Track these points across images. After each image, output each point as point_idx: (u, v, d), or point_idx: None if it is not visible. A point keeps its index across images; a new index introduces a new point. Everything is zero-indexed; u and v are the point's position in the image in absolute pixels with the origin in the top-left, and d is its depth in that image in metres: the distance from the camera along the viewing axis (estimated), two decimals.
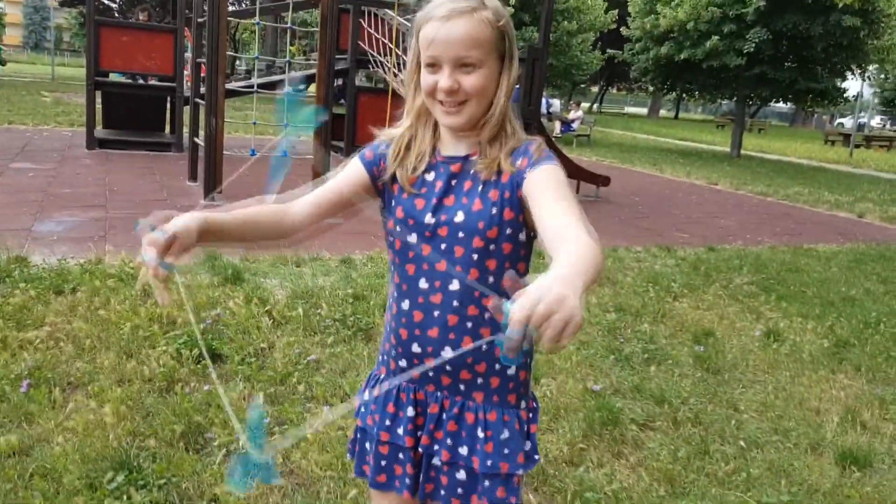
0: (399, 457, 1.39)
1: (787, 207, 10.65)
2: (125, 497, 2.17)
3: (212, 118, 6.76)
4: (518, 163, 1.26)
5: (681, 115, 53.00)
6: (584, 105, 29.09)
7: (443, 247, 1.29)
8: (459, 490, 1.36)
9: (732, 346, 4.08)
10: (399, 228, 1.33)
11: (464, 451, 1.34)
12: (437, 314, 1.30)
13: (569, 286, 0.83)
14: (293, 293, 4.19)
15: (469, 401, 1.35)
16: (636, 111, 54.90)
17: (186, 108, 9.24)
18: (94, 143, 9.45)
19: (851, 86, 23.96)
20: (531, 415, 1.40)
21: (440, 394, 1.35)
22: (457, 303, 1.29)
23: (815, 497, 2.59)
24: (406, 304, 1.34)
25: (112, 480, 2.23)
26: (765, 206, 10.51)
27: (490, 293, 0.87)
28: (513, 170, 1.25)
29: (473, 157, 1.30)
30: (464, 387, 1.34)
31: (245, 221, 1.26)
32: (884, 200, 12.12)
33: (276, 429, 2.68)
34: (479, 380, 1.34)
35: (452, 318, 1.30)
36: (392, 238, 1.35)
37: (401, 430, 1.37)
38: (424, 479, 1.39)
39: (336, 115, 8.37)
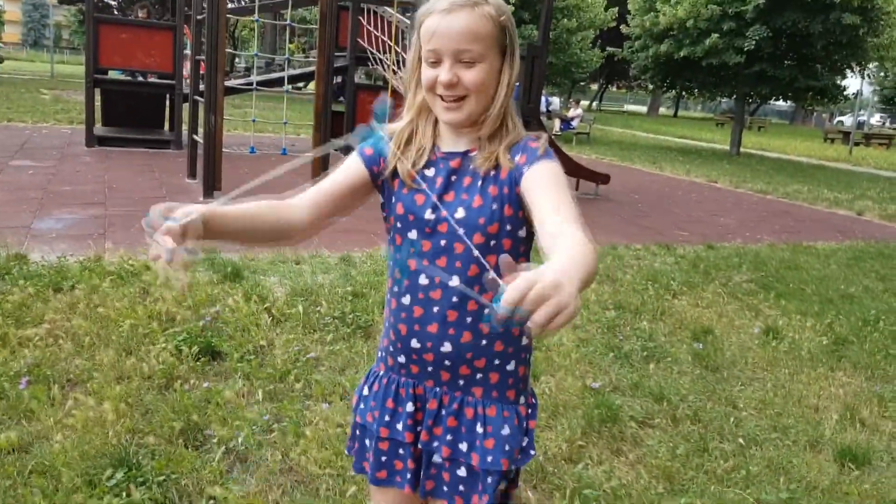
0: (399, 452, 1.39)
1: (787, 205, 10.65)
2: (124, 494, 2.17)
3: (211, 115, 6.76)
4: (517, 158, 1.26)
5: (680, 113, 53.02)
6: (584, 103, 29.07)
7: (443, 243, 1.29)
8: (461, 487, 1.36)
9: (731, 344, 4.08)
10: (399, 224, 1.33)
11: (464, 448, 1.35)
12: (437, 309, 1.30)
13: (566, 277, 0.84)
14: (292, 290, 4.19)
15: (468, 396, 1.35)
16: (636, 109, 54.88)
17: (186, 106, 9.23)
18: (94, 141, 9.44)
19: (851, 84, 23.95)
20: (530, 411, 1.40)
21: (439, 389, 1.35)
22: (456, 298, 1.29)
23: (814, 494, 2.59)
24: (406, 300, 1.34)
25: (111, 477, 2.23)
26: (764, 204, 10.52)
27: (484, 301, 0.87)
28: (511, 165, 1.26)
29: (473, 153, 1.30)
30: (463, 382, 1.34)
31: (246, 218, 1.25)
32: (883, 198, 12.13)
33: (276, 426, 2.68)
34: (479, 375, 1.34)
35: (452, 314, 1.30)
36: (392, 234, 1.35)
37: (400, 426, 1.37)
38: (425, 477, 1.38)
39: (335, 113, 8.37)
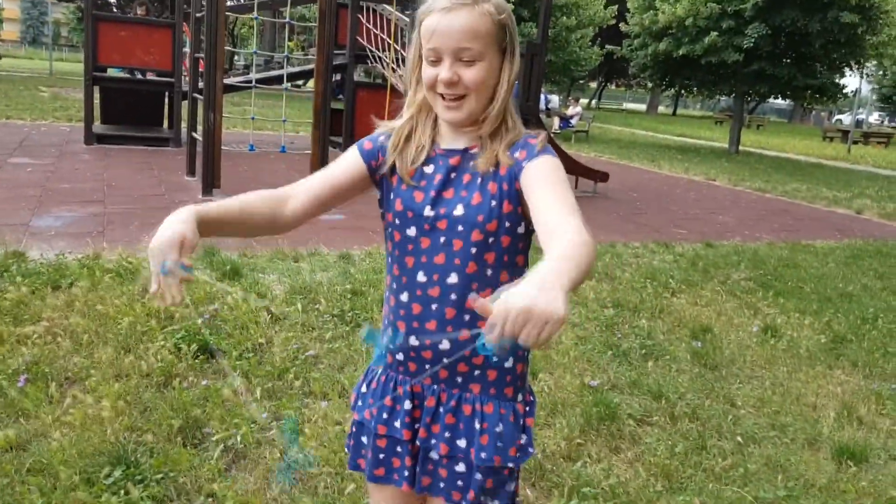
0: (397, 450, 1.39)
1: (785, 203, 10.65)
2: (122, 492, 2.17)
3: (210, 113, 6.75)
4: (516, 154, 1.26)
5: (679, 112, 53.02)
6: (583, 101, 29.05)
7: (441, 240, 1.29)
8: (459, 483, 1.36)
9: (730, 342, 4.08)
10: (398, 221, 1.33)
11: (462, 444, 1.34)
12: (435, 307, 1.30)
13: (545, 289, 0.85)
14: (291, 288, 4.19)
15: (466, 393, 1.35)
16: (635, 107, 54.87)
17: (185, 104, 9.22)
18: (93, 139, 9.43)
19: (849, 82, 23.97)
20: (528, 408, 1.40)
21: (437, 387, 1.35)
22: (455, 296, 1.29)
23: (812, 492, 2.60)
24: (404, 297, 1.34)
25: (109, 475, 2.23)
26: (763, 203, 10.52)
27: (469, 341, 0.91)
28: (511, 162, 1.26)
29: (473, 151, 1.30)
30: (461, 379, 1.34)
31: (241, 212, 1.27)
32: (881, 197, 12.14)
33: (275, 424, 2.68)
34: (476, 372, 1.34)
35: (450, 312, 1.30)
36: (390, 230, 1.35)
37: (398, 424, 1.37)
38: (422, 473, 1.38)
39: (334, 111, 8.36)
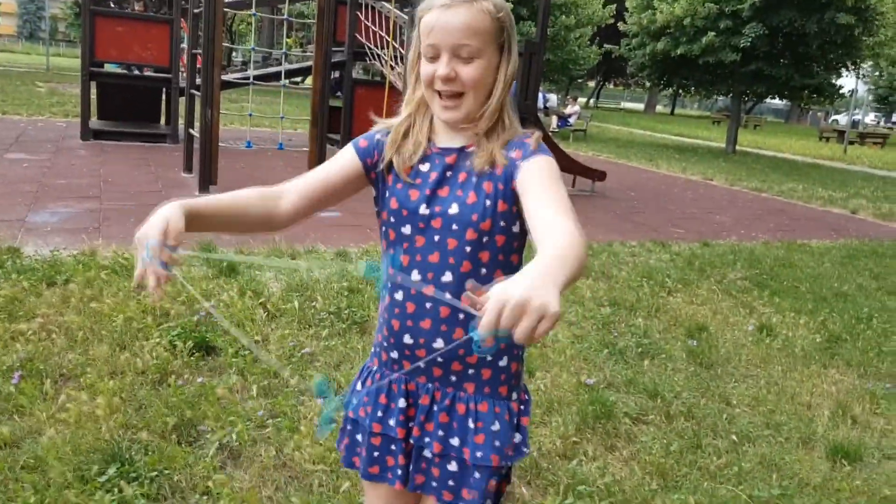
0: (391, 448, 1.39)
1: (782, 203, 10.67)
2: (116, 490, 2.17)
3: (207, 109, 6.74)
4: (512, 154, 1.26)
5: (677, 111, 53.11)
6: (581, 100, 29.08)
7: (436, 238, 1.29)
8: (451, 482, 1.36)
9: (725, 341, 4.09)
10: (393, 219, 1.32)
11: (455, 443, 1.34)
12: (430, 306, 1.30)
13: (539, 283, 0.85)
14: (288, 286, 4.18)
15: (460, 391, 1.34)
16: (632, 106, 54.91)
17: (182, 100, 9.20)
18: (89, 134, 9.41)
19: (846, 83, 24.02)
20: (523, 407, 1.39)
21: (431, 385, 1.35)
22: (449, 294, 1.29)
23: (806, 491, 2.61)
24: (399, 295, 1.34)
25: (103, 473, 2.23)
26: (759, 202, 10.54)
27: (474, 305, 0.89)
28: (506, 162, 1.26)
29: (469, 149, 1.30)
30: (455, 378, 1.34)
31: (233, 208, 1.27)
32: (877, 197, 12.16)
33: (270, 421, 2.68)
34: (471, 371, 1.34)
35: (444, 311, 1.29)
36: (385, 228, 1.35)
37: (392, 422, 1.37)
38: (415, 471, 1.38)
39: (332, 108, 8.35)
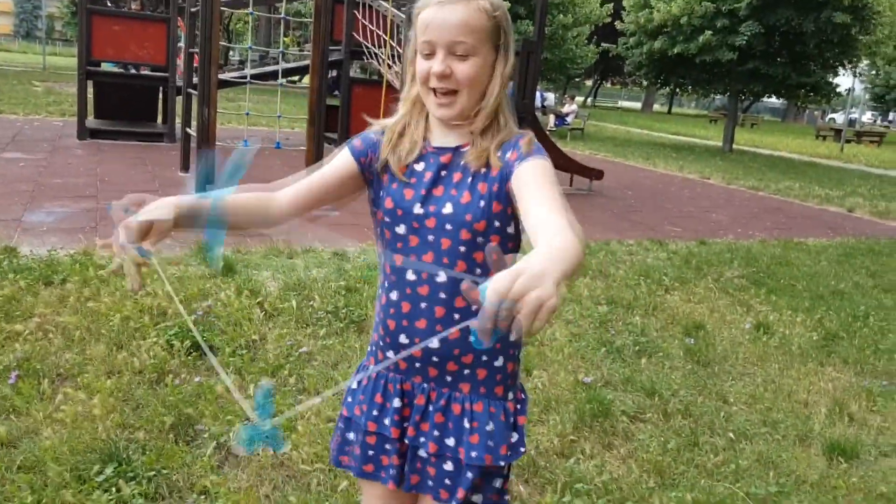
0: (386, 447, 1.39)
1: (779, 202, 10.69)
2: (114, 489, 2.16)
3: (204, 109, 6.73)
4: (507, 156, 1.25)
5: (674, 110, 53.10)
6: (579, 99, 29.09)
7: (430, 238, 1.28)
8: (447, 482, 1.36)
9: (723, 339, 4.10)
10: (388, 219, 1.32)
11: (451, 443, 1.34)
12: (425, 305, 1.30)
13: (548, 268, 0.84)
14: (285, 285, 4.18)
15: (456, 392, 1.34)
16: (630, 105, 54.93)
17: (179, 99, 9.18)
18: (86, 134, 9.38)
19: (843, 81, 24.07)
20: (519, 406, 1.39)
21: (427, 385, 1.35)
22: (444, 294, 1.29)
23: (803, 488, 2.61)
24: (394, 295, 1.34)
25: (101, 472, 2.23)
26: (756, 201, 10.55)
27: (471, 282, 0.85)
28: (501, 164, 1.25)
29: (464, 149, 1.30)
30: (450, 378, 1.34)
31: (230, 207, 1.26)
32: (873, 195, 12.18)
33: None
34: (466, 371, 1.33)
35: (440, 310, 1.29)
36: (381, 228, 1.35)
37: (387, 422, 1.37)
38: (410, 471, 1.38)
39: (330, 107, 8.33)
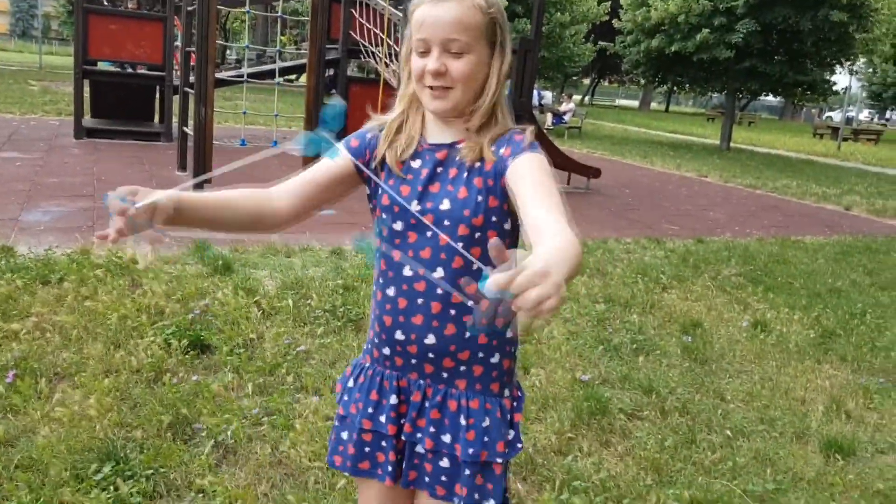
0: (382, 444, 1.39)
1: (776, 200, 10.70)
2: (112, 488, 2.16)
3: (201, 108, 6.72)
4: (501, 151, 1.26)
5: (671, 108, 53.17)
6: (576, 97, 29.10)
7: (428, 234, 1.29)
8: (443, 478, 1.36)
9: (720, 337, 4.10)
10: (385, 215, 1.32)
11: (447, 439, 1.34)
12: (421, 301, 1.30)
13: (553, 266, 0.84)
14: (283, 284, 4.18)
15: (452, 388, 1.35)
16: (627, 104, 54.98)
17: (176, 98, 9.16)
18: (82, 133, 9.37)
19: (840, 79, 24.09)
20: (515, 403, 1.40)
21: (423, 382, 1.35)
22: (440, 291, 1.29)
23: (800, 485, 2.62)
24: (391, 291, 1.34)
25: (98, 471, 2.23)
26: (753, 199, 10.57)
27: (467, 295, 0.85)
28: (495, 158, 1.26)
29: (459, 145, 1.30)
30: (447, 375, 1.34)
31: (225, 206, 1.26)
32: (871, 193, 12.21)
33: (265, 419, 2.68)
34: (462, 367, 1.34)
35: (436, 306, 1.30)
36: (379, 225, 1.35)
37: (383, 418, 1.37)
38: (408, 467, 1.38)
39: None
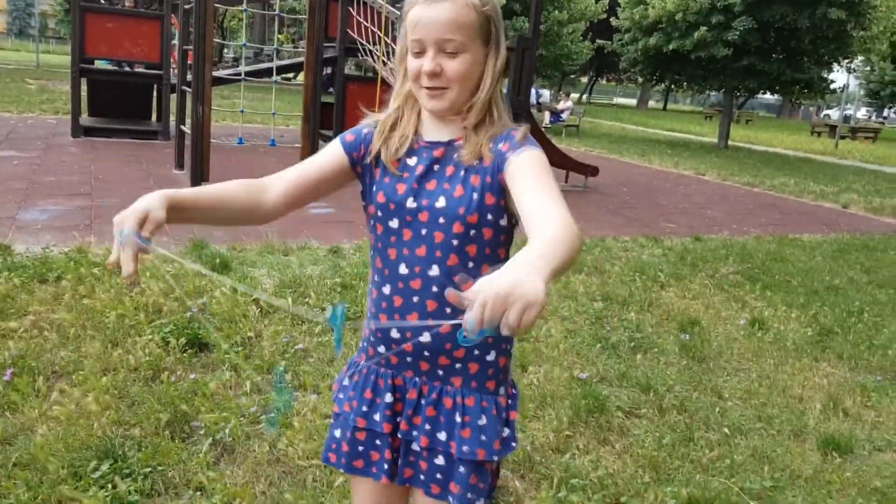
0: (376, 443, 1.39)
1: (774, 198, 10.72)
2: (110, 486, 2.16)
3: (199, 106, 6.71)
4: (499, 147, 1.26)
5: (669, 106, 53.20)
6: (574, 95, 29.09)
7: (423, 231, 1.29)
8: (439, 475, 1.36)
9: (718, 335, 4.11)
10: (380, 213, 1.33)
11: (442, 437, 1.34)
12: (417, 299, 1.30)
13: (523, 273, 0.85)
14: (281, 282, 4.18)
15: (447, 386, 1.35)
16: (625, 102, 55.00)
17: (173, 96, 9.15)
18: (80, 131, 9.35)
19: (838, 78, 24.11)
20: (510, 401, 1.40)
21: (419, 379, 1.35)
22: (436, 288, 1.29)
23: (798, 483, 2.63)
24: (387, 289, 1.34)
25: (97, 469, 2.23)
26: (751, 197, 10.58)
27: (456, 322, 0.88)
28: (493, 155, 1.26)
29: (457, 143, 1.30)
30: (442, 372, 1.34)
31: (217, 200, 1.27)
32: (868, 191, 12.22)
33: (264, 417, 2.68)
34: (458, 365, 1.34)
35: (431, 304, 1.29)
36: (373, 223, 1.35)
37: (378, 417, 1.37)
38: (404, 464, 1.39)
39: (324, 104, 8.32)
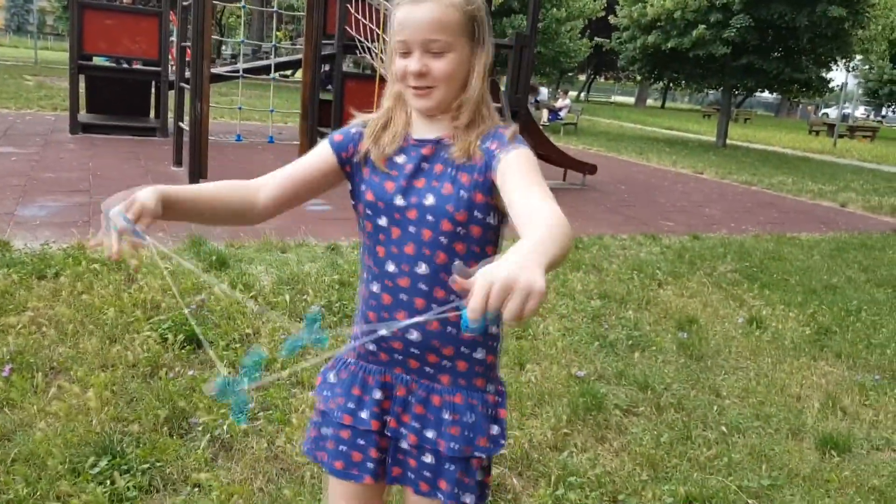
0: (360, 442, 1.38)
1: (772, 196, 10.72)
2: (108, 482, 2.17)
3: (197, 103, 6.70)
4: (488, 145, 1.26)
5: (667, 105, 53.20)
6: (572, 94, 29.04)
7: (411, 229, 1.29)
8: (427, 473, 1.36)
9: (715, 333, 4.11)
10: (369, 211, 1.33)
11: (430, 435, 1.34)
12: (405, 297, 1.30)
13: (523, 262, 0.86)
14: (279, 279, 4.17)
15: (436, 383, 1.35)
16: (623, 100, 55.00)
17: (171, 93, 9.14)
18: (78, 128, 9.34)
19: (836, 76, 24.14)
20: (499, 399, 1.40)
21: (407, 377, 1.35)
22: (424, 286, 1.29)
23: (795, 481, 2.63)
24: (375, 287, 1.34)
25: (95, 465, 2.23)
26: (749, 195, 10.58)
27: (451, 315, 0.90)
28: (482, 153, 1.26)
29: (445, 141, 1.30)
30: (431, 370, 1.34)
31: (210, 199, 1.28)
32: (866, 190, 12.24)
33: (262, 413, 2.68)
34: (446, 363, 1.34)
35: (419, 302, 1.29)
36: (363, 221, 1.36)
37: (365, 414, 1.36)
38: (392, 463, 1.38)
39: (323, 101, 8.31)
